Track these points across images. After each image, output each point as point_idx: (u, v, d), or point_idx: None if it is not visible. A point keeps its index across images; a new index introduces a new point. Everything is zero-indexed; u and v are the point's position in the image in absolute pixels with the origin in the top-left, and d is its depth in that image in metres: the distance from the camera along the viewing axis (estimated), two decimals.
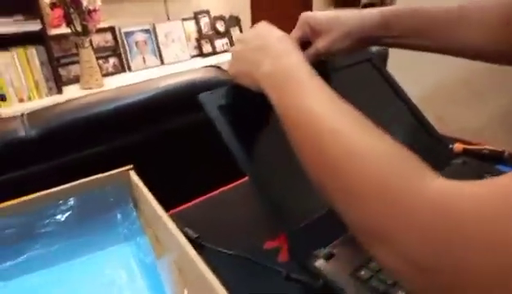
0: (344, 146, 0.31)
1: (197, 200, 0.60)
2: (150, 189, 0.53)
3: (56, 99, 2.02)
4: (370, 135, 0.31)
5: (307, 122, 0.35)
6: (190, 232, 0.50)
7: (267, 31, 0.48)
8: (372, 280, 0.41)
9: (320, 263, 0.44)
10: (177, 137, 0.76)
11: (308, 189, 0.52)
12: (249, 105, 0.53)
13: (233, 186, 0.63)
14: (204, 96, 0.52)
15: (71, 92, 2.12)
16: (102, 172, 0.55)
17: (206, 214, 0.58)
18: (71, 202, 0.52)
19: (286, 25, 0.52)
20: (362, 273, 0.42)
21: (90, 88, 2.11)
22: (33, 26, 1.94)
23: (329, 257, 0.44)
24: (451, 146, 0.66)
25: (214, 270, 0.38)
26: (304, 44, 0.52)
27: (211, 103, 0.52)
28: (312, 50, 0.51)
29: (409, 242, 0.24)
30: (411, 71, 0.74)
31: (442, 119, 0.69)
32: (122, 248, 0.51)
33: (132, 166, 0.55)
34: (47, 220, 0.51)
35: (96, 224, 0.53)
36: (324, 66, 0.40)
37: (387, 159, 0.28)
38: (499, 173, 0.61)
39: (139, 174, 0.55)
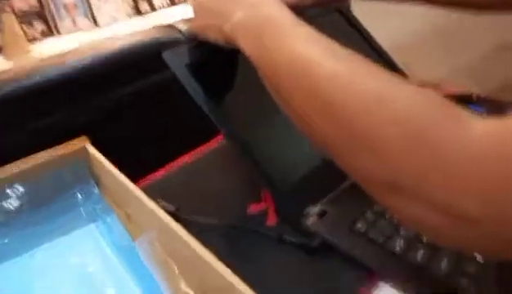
0: (349, 89, 0.27)
1: (166, 168, 0.55)
2: (113, 163, 0.47)
3: None
4: (381, 76, 0.27)
5: (299, 68, 0.30)
6: (165, 204, 0.45)
7: None
8: (369, 232, 0.39)
9: (313, 221, 0.41)
10: (132, 103, 0.69)
11: (291, 145, 0.49)
12: (218, 61, 0.48)
13: (205, 150, 0.58)
14: (168, 54, 0.46)
15: None
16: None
17: (179, 183, 0.52)
18: (20, 187, 0.45)
19: None
20: (359, 226, 0.40)
21: (16, 57, 1.88)
22: None
23: (321, 214, 0.42)
24: None
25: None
26: None
27: (176, 61, 0.46)
28: None
29: (450, 193, 0.21)
30: (373, 23, 0.72)
31: (408, 66, 0.68)
32: (88, 231, 0.45)
33: (85, 137, 0.48)
34: None
35: (54, 209, 0.46)
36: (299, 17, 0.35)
37: (409, 101, 0.25)
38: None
39: (98, 147, 0.48)
